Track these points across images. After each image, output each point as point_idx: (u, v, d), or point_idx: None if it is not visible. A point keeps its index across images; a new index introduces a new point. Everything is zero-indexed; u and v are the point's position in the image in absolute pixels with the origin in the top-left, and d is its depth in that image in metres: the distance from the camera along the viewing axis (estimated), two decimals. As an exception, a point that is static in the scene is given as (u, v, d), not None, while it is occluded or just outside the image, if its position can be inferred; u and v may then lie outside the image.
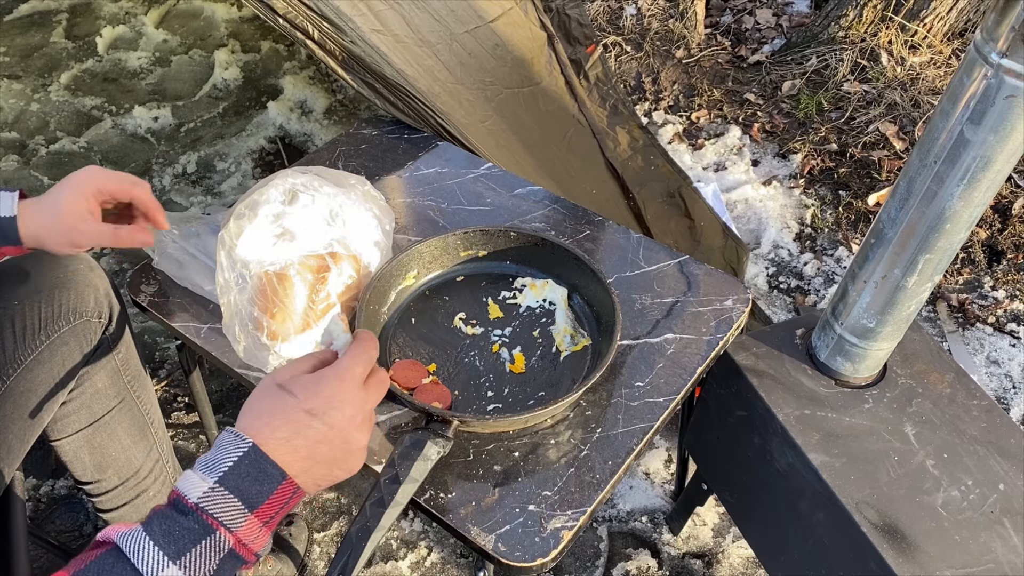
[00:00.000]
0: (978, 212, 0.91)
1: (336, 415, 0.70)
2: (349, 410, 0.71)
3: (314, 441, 0.69)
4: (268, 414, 0.69)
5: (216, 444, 0.68)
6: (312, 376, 0.72)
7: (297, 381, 0.71)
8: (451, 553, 1.54)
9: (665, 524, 1.58)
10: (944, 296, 2.04)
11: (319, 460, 0.69)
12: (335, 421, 0.70)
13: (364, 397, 0.73)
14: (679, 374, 1.05)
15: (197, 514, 0.63)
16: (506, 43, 1.69)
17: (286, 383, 0.71)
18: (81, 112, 2.61)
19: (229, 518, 0.64)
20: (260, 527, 0.66)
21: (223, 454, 0.66)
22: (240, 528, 0.64)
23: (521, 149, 1.64)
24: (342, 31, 1.35)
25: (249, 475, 0.65)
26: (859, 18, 2.66)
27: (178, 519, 0.63)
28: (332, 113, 2.59)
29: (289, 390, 0.70)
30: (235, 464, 0.65)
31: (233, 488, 0.64)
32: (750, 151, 2.46)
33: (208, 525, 0.63)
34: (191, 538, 0.62)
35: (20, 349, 1.03)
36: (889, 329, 1.05)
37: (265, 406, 0.70)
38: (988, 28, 0.78)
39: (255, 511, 0.65)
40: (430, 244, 1.16)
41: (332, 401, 0.70)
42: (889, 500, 1.00)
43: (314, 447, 0.69)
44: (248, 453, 0.66)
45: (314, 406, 0.69)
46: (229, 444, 0.67)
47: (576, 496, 0.93)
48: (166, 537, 0.61)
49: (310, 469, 0.69)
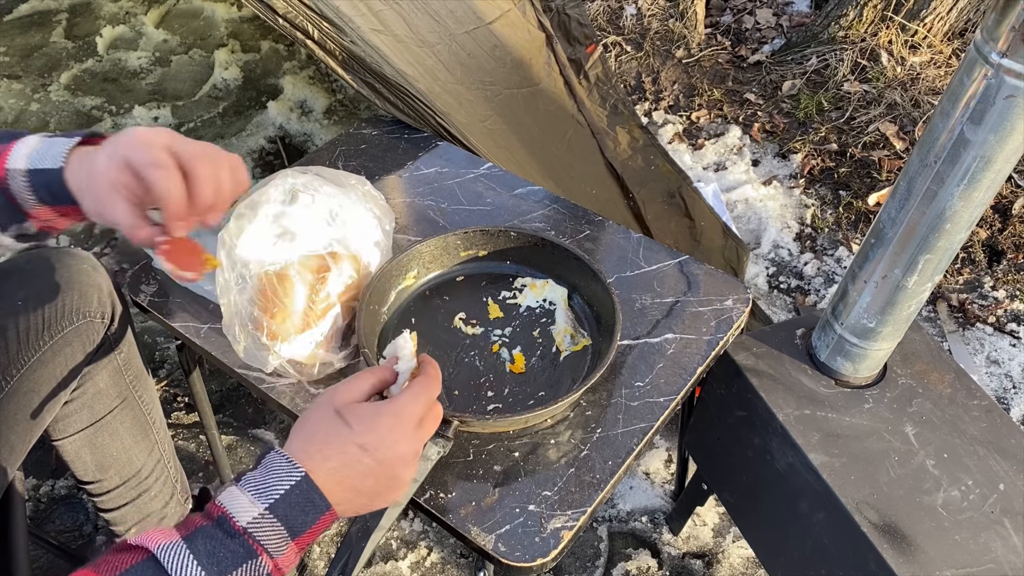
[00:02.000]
0: (978, 212, 0.91)
1: (388, 452, 0.69)
2: (401, 448, 0.70)
3: (361, 475, 0.69)
4: (322, 442, 0.69)
5: (265, 465, 0.67)
6: (371, 408, 0.71)
7: (354, 411, 0.71)
8: (451, 553, 1.54)
9: (665, 524, 1.58)
10: (944, 296, 2.04)
11: (362, 492, 0.70)
12: (385, 458, 0.69)
13: (419, 437, 0.73)
14: (679, 374, 1.05)
15: (244, 538, 0.63)
16: (505, 44, 1.70)
17: (343, 410, 0.70)
18: (81, 112, 2.61)
19: (273, 545, 0.64)
20: (296, 552, 0.66)
21: (275, 479, 0.66)
22: (281, 555, 0.65)
23: (521, 149, 1.64)
24: (342, 31, 1.35)
25: (298, 505, 0.65)
26: (859, 18, 2.66)
27: (224, 540, 0.62)
28: (332, 113, 2.59)
29: (345, 420, 0.70)
30: (286, 493, 0.65)
31: (282, 517, 0.65)
32: (750, 151, 2.46)
33: (253, 550, 0.63)
34: (234, 561, 0.62)
35: (23, 349, 1.03)
36: (889, 329, 1.05)
37: (320, 432, 0.69)
38: (988, 28, 0.78)
39: (296, 539, 0.65)
40: (430, 244, 1.16)
41: (387, 440, 0.69)
42: (889, 500, 1.00)
43: (361, 480, 0.69)
44: (300, 484, 0.66)
45: (368, 441, 0.69)
46: (281, 470, 0.66)
47: (576, 496, 0.93)
48: (210, 557, 0.61)
49: (352, 499, 0.69)
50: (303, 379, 1.05)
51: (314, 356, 1.03)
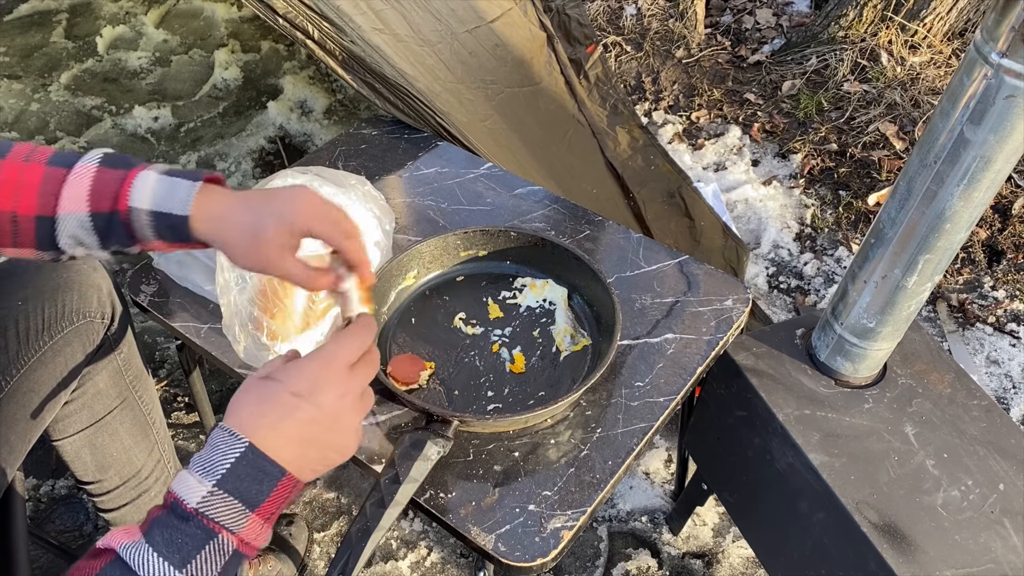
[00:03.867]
0: (978, 212, 0.91)
1: (324, 396, 0.68)
2: (337, 389, 0.69)
3: (304, 423, 0.67)
4: (255, 403, 0.68)
5: (210, 443, 0.66)
6: (295, 362, 0.71)
7: (280, 369, 0.70)
8: (451, 553, 1.54)
9: (665, 524, 1.58)
10: (944, 296, 2.04)
11: (311, 443, 0.68)
12: (323, 401, 0.68)
13: (351, 377, 0.71)
14: (679, 374, 1.05)
15: (197, 519, 0.62)
16: (506, 43, 1.70)
17: (270, 373, 0.70)
18: (81, 112, 2.61)
19: (230, 520, 0.63)
20: (262, 524, 0.65)
21: (219, 455, 0.65)
22: (242, 529, 0.64)
23: (522, 148, 1.64)
24: (342, 31, 1.35)
25: (248, 475, 0.64)
26: (859, 18, 2.66)
27: (179, 526, 0.62)
28: (332, 113, 2.59)
29: (274, 378, 0.69)
30: (233, 465, 0.64)
31: (232, 490, 0.63)
32: (750, 151, 2.46)
33: (210, 530, 0.62)
34: (194, 544, 0.61)
35: (23, 349, 1.03)
36: (889, 329, 1.05)
37: (251, 397, 0.69)
38: (988, 28, 0.78)
39: (256, 510, 0.64)
40: (430, 244, 1.16)
41: (319, 382, 0.69)
42: (889, 500, 1.00)
43: (305, 428, 0.67)
44: (245, 453, 0.65)
45: (299, 387, 0.68)
46: (224, 444, 0.65)
47: (576, 496, 0.93)
48: (169, 547, 0.60)
49: (304, 454, 0.68)
50: (303, 379, 1.05)
51: (314, 356, 1.03)
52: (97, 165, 0.79)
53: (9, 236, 0.79)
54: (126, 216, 0.79)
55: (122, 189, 0.78)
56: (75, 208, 0.78)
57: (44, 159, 0.79)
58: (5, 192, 0.77)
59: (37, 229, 0.79)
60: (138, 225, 0.80)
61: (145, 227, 0.80)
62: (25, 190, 0.77)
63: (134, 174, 0.79)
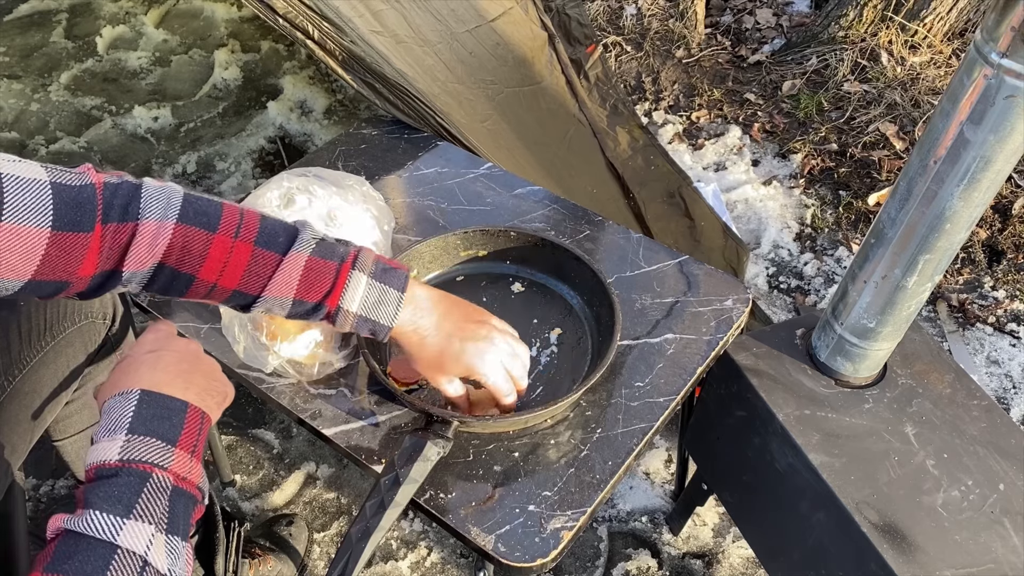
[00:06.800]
0: (978, 212, 0.91)
1: (172, 343, 0.78)
2: (178, 342, 0.79)
3: (172, 361, 0.75)
4: (121, 374, 0.74)
5: (103, 415, 0.70)
6: (132, 344, 0.81)
7: (123, 357, 0.78)
8: (451, 553, 1.54)
9: (665, 524, 1.58)
10: (944, 296, 2.04)
11: (192, 372, 0.75)
12: (176, 346, 0.78)
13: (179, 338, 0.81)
14: (679, 374, 1.06)
15: (125, 468, 0.64)
16: (507, 42, 1.70)
17: (117, 363, 0.78)
18: (81, 112, 2.61)
19: (157, 457, 0.66)
20: (189, 458, 0.68)
21: (117, 413, 0.69)
22: (172, 463, 0.66)
23: (522, 148, 1.64)
24: (342, 31, 1.35)
25: (154, 415, 0.68)
26: (859, 18, 2.66)
27: (111, 481, 0.64)
28: (332, 113, 2.59)
29: (122, 360, 0.77)
30: (135, 413, 0.68)
31: (146, 432, 0.67)
32: (750, 151, 2.46)
33: (140, 471, 0.64)
34: (132, 490, 0.63)
35: (25, 350, 1.03)
36: (889, 329, 1.05)
37: (114, 377, 0.75)
38: (988, 28, 0.78)
39: (177, 444, 0.68)
40: (430, 244, 1.16)
41: (159, 340, 0.78)
42: (889, 500, 1.00)
43: (176, 364, 0.75)
44: (142, 399, 0.69)
45: (148, 347, 0.77)
46: (117, 405, 0.70)
47: (576, 496, 0.93)
48: (108, 501, 0.62)
49: (192, 382, 0.74)
50: (303, 379, 1.05)
51: (314, 356, 1.03)
52: (309, 255, 0.82)
53: (200, 295, 0.83)
54: (332, 311, 0.84)
55: (335, 290, 0.83)
56: (282, 293, 0.82)
57: (252, 237, 0.81)
58: (211, 266, 0.80)
59: (232, 298, 0.83)
60: (340, 318, 0.85)
61: (346, 322, 0.85)
62: (231, 269, 0.81)
63: (345, 274, 0.83)
